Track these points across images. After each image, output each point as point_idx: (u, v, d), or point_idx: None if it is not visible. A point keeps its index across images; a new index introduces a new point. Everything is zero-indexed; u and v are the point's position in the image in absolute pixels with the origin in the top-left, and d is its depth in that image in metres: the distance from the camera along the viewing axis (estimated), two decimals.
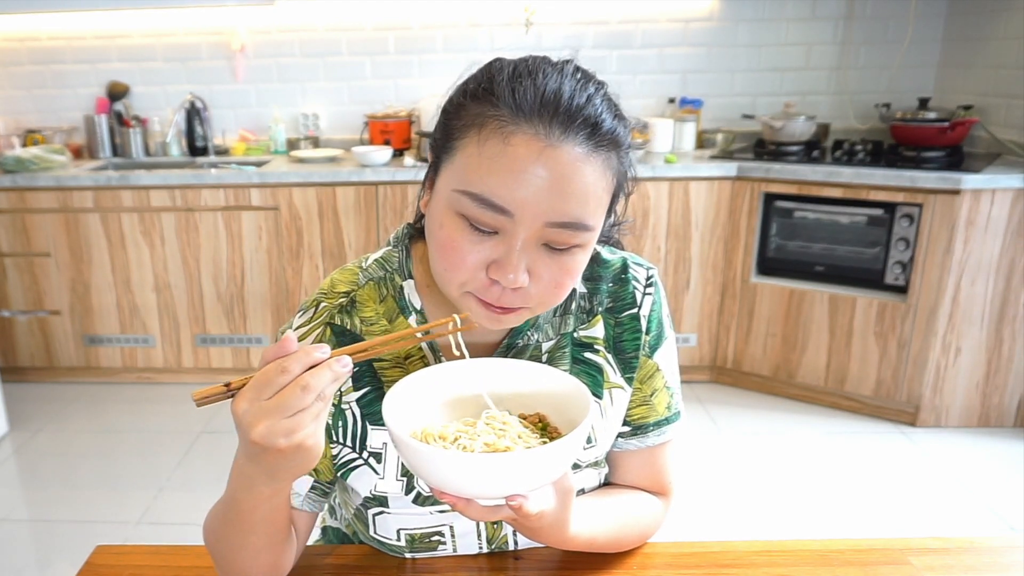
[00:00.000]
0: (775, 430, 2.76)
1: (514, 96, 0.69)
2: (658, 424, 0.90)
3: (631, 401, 0.89)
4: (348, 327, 0.83)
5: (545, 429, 0.74)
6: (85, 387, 3.19)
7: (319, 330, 0.83)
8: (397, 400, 0.72)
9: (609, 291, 0.88)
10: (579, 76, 0.72)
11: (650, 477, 0.92)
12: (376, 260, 0.87)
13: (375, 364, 0.84)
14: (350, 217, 2.93)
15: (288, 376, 0.60)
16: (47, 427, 2.88)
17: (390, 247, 0.88)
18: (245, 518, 0.72)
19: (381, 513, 0.86)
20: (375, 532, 0.87)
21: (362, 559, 0.88)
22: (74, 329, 3.12)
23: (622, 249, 0.93)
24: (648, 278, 0.89)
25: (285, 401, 0.59)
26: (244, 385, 0.61)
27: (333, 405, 0.83)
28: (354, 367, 0.64)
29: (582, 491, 0.89)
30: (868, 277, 2.76)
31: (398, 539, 0.86)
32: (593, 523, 0.81)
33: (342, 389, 0.83)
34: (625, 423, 0.89)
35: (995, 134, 2.80)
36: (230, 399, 0.62)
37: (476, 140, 0.70)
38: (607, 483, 0.94)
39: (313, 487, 0.84)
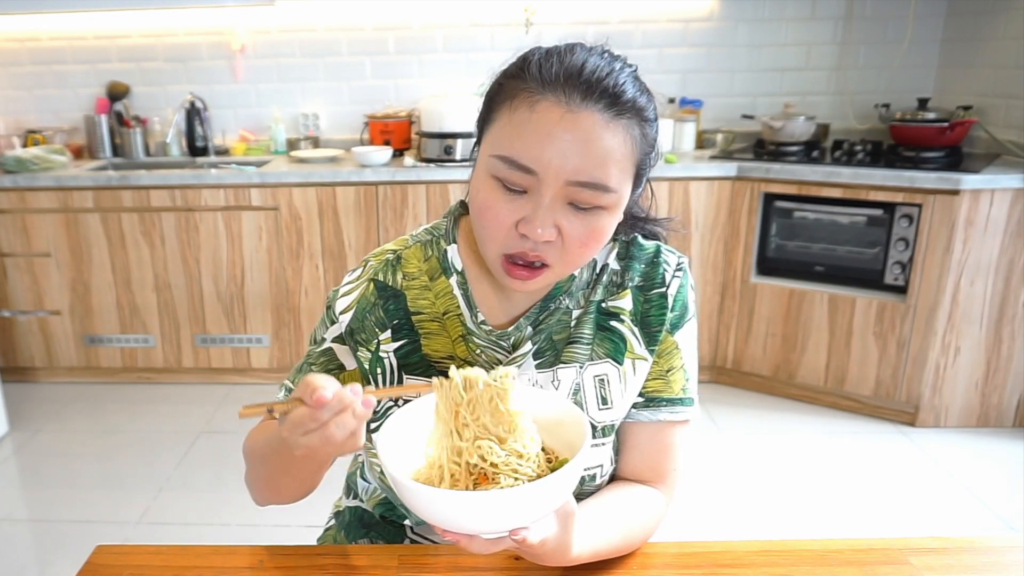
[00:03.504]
0: (775, 430, 2.77)
1: (541, 70, 0.77)
2: (671, 402, 0.92)
3: (649, 373, 0.92)
4: (390, 283, 0.92)
5: (542, 451, 0.74)
6: (85, 387, 3.19)
7: (364, 285, 0.92)
8: (392, 433, 0.73)
9: (641, 271, 0.93)
10: (606, 55, 0.80)
11: (655, 457, 0.93)
12: (425, 228, 0.97)
13: (413, 317, 0.91)
14: (350, 217, 2.94)
15: (317, 423, 0.67)
16: (47, 427, 2.88)
17: (441, 219, 0.98)
18: (291, 459, 0.79)
19: None
20: None
21: (362, 559, 0.88)
22: (74, 329, 3.12)
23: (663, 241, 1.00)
24: (679, 264, 0.94)
25: (313, 442, 0.68)
26: (285, 411, 0.69)
27: (370, 352, 0.91)
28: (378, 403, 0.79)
29: (592, 478, 0.91)
30: (868, 277, 2.76)
31: None
32: (595, 540, 0.82)
33: (380, 339, 0.91)
34: (640, 394, 0.92)
35: (994, 134, 2.80)
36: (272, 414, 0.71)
37: (508, 110, 0.78)
38: (609, 479, 0.95)
39: None
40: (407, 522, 0.98)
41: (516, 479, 0.69)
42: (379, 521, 1.01)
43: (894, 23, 3.13)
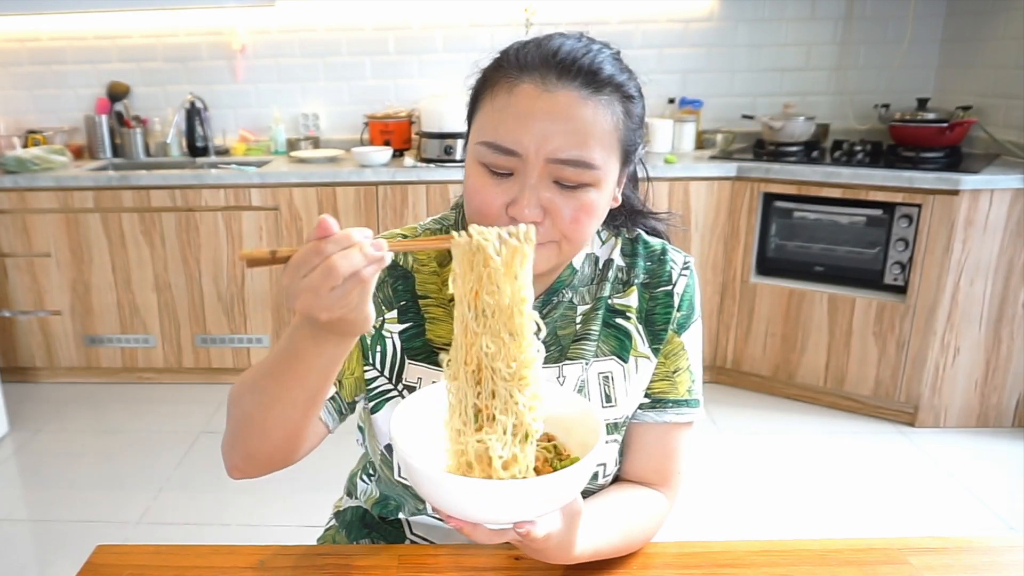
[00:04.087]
0: (775, 430, 2.77)
1: (518, 57, 0.80)
2: (677, 403, 0.92)
3: (654, 374, 0.92)
4: (401, 263, 0.92)
5: (554, 450, 0.74)
6: (85, 387, 3.19)
7: None
8: (406, 418, 0.72)
9: (647, 268, 0.93)
10: (583, 39, 0.82)
11: (660, 459, 0.93)
12: (433, 219, 0.98)
13: (420, 301, 0.91)
14: (350, 217, 2.93)
15: (320, 257, 0.61)
16: (47, 427, 2.88)
17: (448, 211, 0.98)
18: (294, 366, 0.72)
19: None
20: (400, 476, 0.92)
21: (362, 559, 0.88)
22: (74, 329, 3.12)
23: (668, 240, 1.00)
24: (685, 263, 0.94)
25: (315, 281, 0.61)
26: (288, 256, 0.63)
27: (374, 328, 0.89)
28: (393, 258, 0.73)
29: (595, 477, 0.91)
30: (867, 277, 2.76)
31: None
32: (597, 539, 0.82)
33: (385, 317, 0.90)
34: (646, 395, 0.92)
35: (994, 135, 2.81)
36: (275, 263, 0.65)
37: (490, 97, 0.81)
38: (613, 479, 0.95)
39: (332, 397, 0.89)
40: (402, 515, 0.98)
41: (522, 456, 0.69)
42: (380, 521, 1.01)
43: (894, 23, 3.13)
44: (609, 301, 0.92)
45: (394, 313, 0.91)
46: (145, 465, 2.59)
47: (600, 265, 0.93)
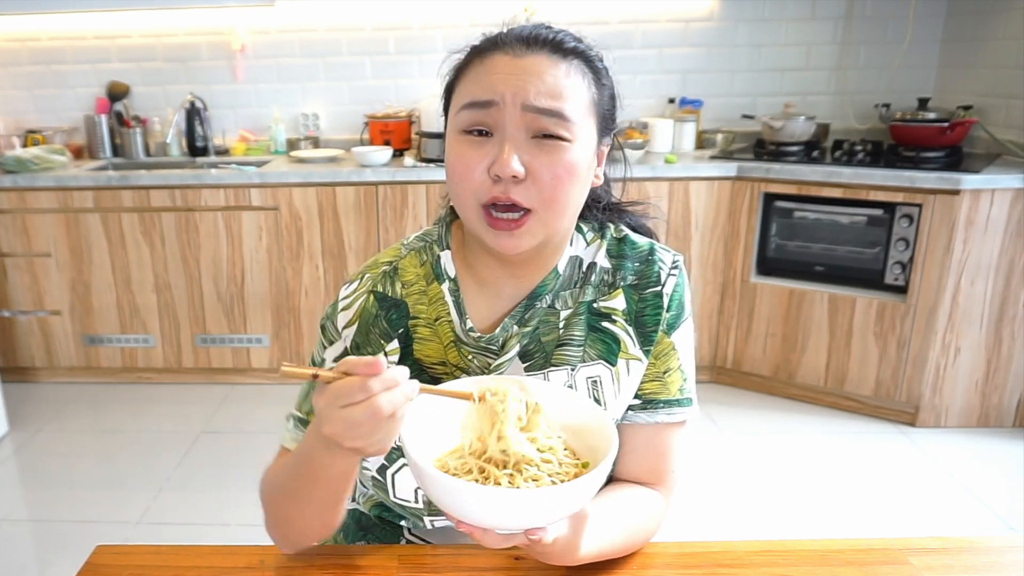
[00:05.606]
0: (775, 430, 2.77)
1: (487, 37, 0.85)
2: (668, 403, 0.91)
3: (644, 375, 0.91)
4: (390, 293, 0.92)
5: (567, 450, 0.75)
6: (85, 387, 3.19)
7: (363, 297, 0.92)
8: (415, 421, 0.72)
9: (635, 269, 0.92)
10: (546, 25, 0.87)
11: (653, 460, 0.93)
12: (416, 235, 0.97)
13: (410, 322, 0.91)
14: (350, 217, 2.93)
15: (365, 394, 0.64)
16: (47, 427, 2.88)
17: (432, 226, 0.98)
18: (313, 475, 0.76)
19: (400, 470, 0.90)
20: (395, 496, 0.91)
21: (362, 559, 0.88)
22: (74, 329, 3.12)
23: (654, 237, 0.99)
24: (674, 262, 0.93)
25: (356, 416, 0.65)
26: (330, 381, 0.66)
27: (368, 354, 0.89)
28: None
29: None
30: (868, 277, 2.76)
31: (416, 500, 0.91)
32: (600, 540, 0.82)
33: (387, 350, 0.91)
34: (636, 395, 0.92)
35: (994, 134, 2.80)
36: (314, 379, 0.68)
37: (463, 74, 0.84)
38: (609, 480, 0.94)
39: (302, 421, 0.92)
40: (403, 523, 0.98)
41: (538, 476, 0.69)
42: (376, 523, 1.01)
43: (894, 23, 3.13)
44: (593, 305, 0.91)
45: (395, 343, 0.90)
46: (145, 465, 2.59)
47: (583, 268, 0.92)
